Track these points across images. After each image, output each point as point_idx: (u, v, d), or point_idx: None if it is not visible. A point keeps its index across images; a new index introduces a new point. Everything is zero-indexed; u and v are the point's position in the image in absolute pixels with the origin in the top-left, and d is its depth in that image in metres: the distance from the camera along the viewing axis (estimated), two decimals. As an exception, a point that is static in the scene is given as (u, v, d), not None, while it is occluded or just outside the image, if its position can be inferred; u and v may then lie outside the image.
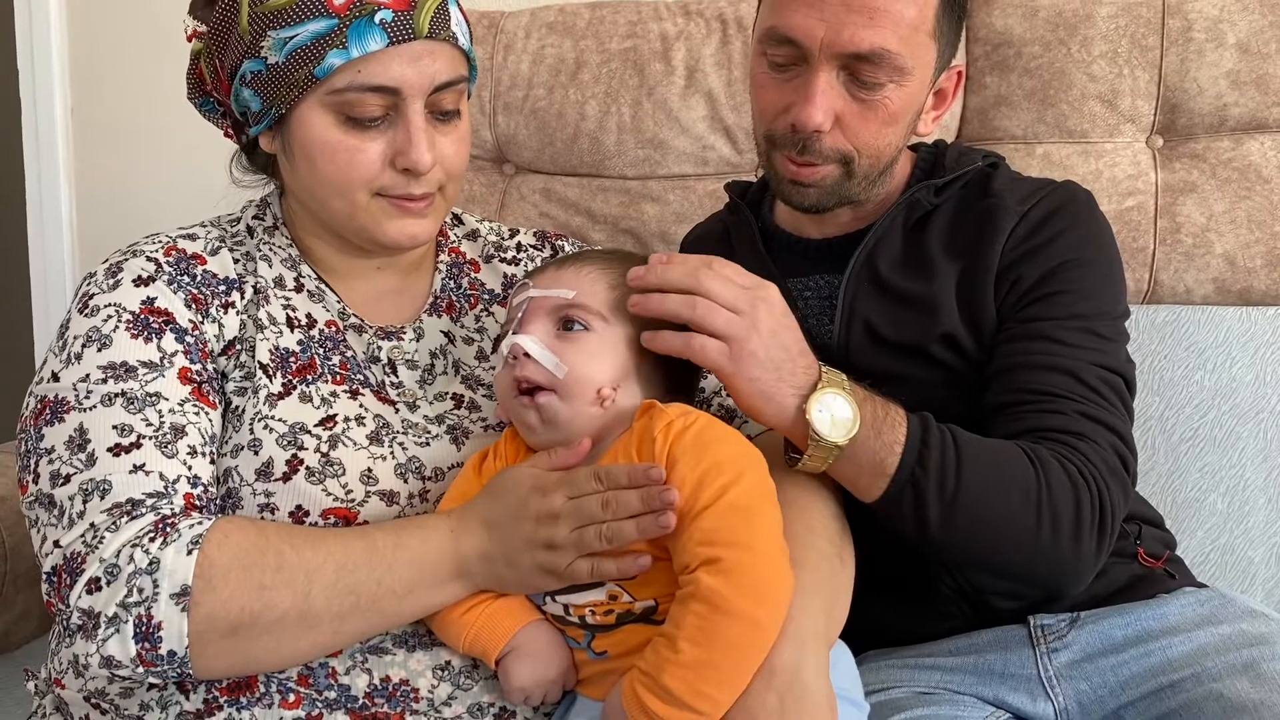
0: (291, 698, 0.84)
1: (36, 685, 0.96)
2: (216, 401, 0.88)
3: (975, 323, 1.03)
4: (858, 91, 0.99)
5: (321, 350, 0.93)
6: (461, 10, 0.93)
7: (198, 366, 0.87)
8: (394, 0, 0.87)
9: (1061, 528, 0.90)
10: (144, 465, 0.81)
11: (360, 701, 0.84)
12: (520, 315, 0.88)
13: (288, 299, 0.95)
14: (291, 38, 0.86)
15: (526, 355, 0.85)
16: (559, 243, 1.11)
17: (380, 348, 0.97)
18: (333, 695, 0.84)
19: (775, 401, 0.86)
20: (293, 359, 0.91)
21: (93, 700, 0.86)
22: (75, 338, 0.87)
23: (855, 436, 0.86)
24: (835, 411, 0.86)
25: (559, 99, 1.61)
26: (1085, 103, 1.51)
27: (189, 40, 0.97)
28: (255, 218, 1.00)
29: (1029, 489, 0.89)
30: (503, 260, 1.08)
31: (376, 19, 0.86)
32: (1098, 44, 1.49)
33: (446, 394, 0.97)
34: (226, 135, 1.01)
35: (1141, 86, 1.50)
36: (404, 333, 0.99)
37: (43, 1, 1.83)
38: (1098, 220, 1.07)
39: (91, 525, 0.79)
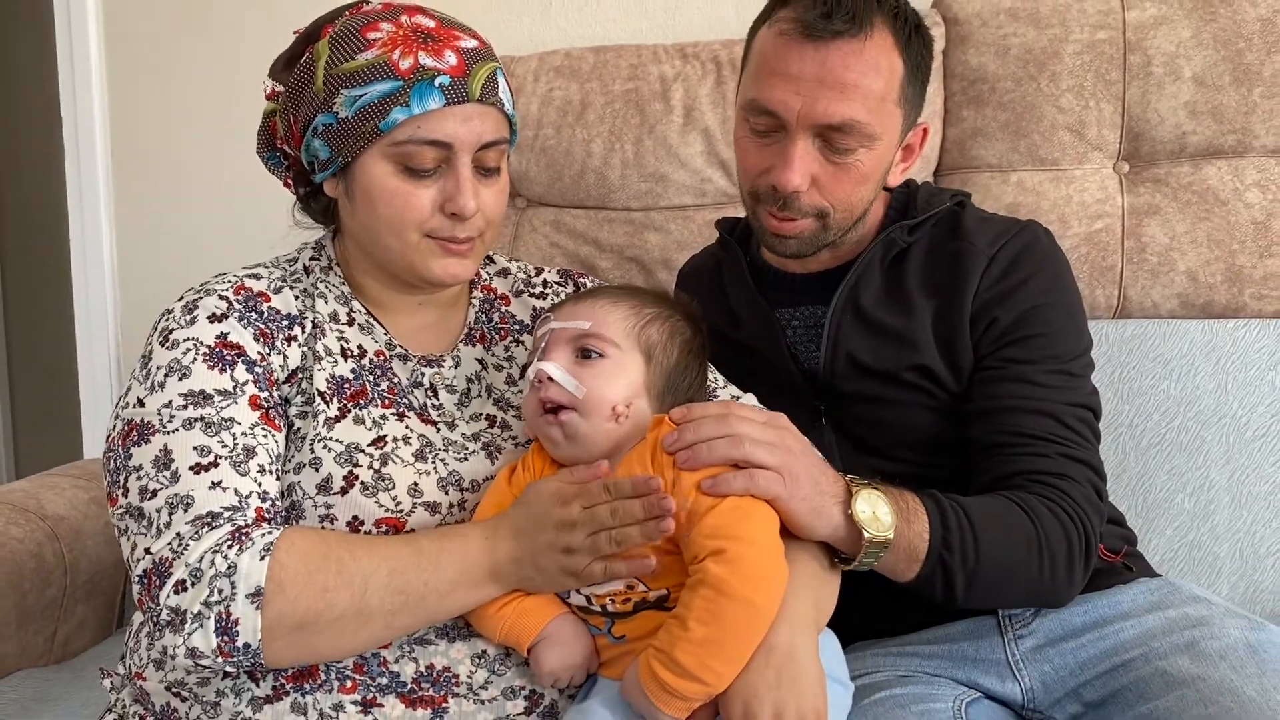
0: (349, 684, 0.92)
1: (113, 682, 1.05)
2: (281, 425, 0.96)
3: (951, 356, 1.11)
4: (831, 156, 1.07)
5: (371, 378, 1.01)
6: (507, 81, 1.02)
7: (265, 394, 0.96)
8: (451, 68, 0.96)
9: (1058, 567, 1.01)
10: (221, 482, 0.89)
11: (409, 686, 0.93)
12: (544, 345, 0.97)
13: (341, 332, 1.03)
14: (361, 95, 0.95)
15: (550, 379, 0.94)
16: (580, 280, 1.19)
17: (423, 374, 1.05)
18: (384, 681, 0.93)
19: (825, 514, 0.93)
20: (347, 386, 0.99)
21: (173, 690, 0.94)
22: (158, 368, 0.94)
23: (896, 529, 0.95)
24: (876, 510, 0.95)
25: (566, 137, 1.68)
26: (1055, 133, 1.57)
27: (267, 99, 1.06)
28: (312, 258, 1.08)
29: (1031, 543, 1.00)
30: (531, 295, 1.16)
31: (436, 83, 0.95)
32: (1065, 79, 1.56)
33: (481, 415, 1.05)
34: (286, 186, 1.10)
35: (1107, 117, 1.57)
36: (443, 361, 1.06)
37: (84, 51, 1.88)
38: (1059, 259, 1.16)
39: (178, 534, 0.87)
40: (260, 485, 0.92)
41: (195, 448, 0.91)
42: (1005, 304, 1.10)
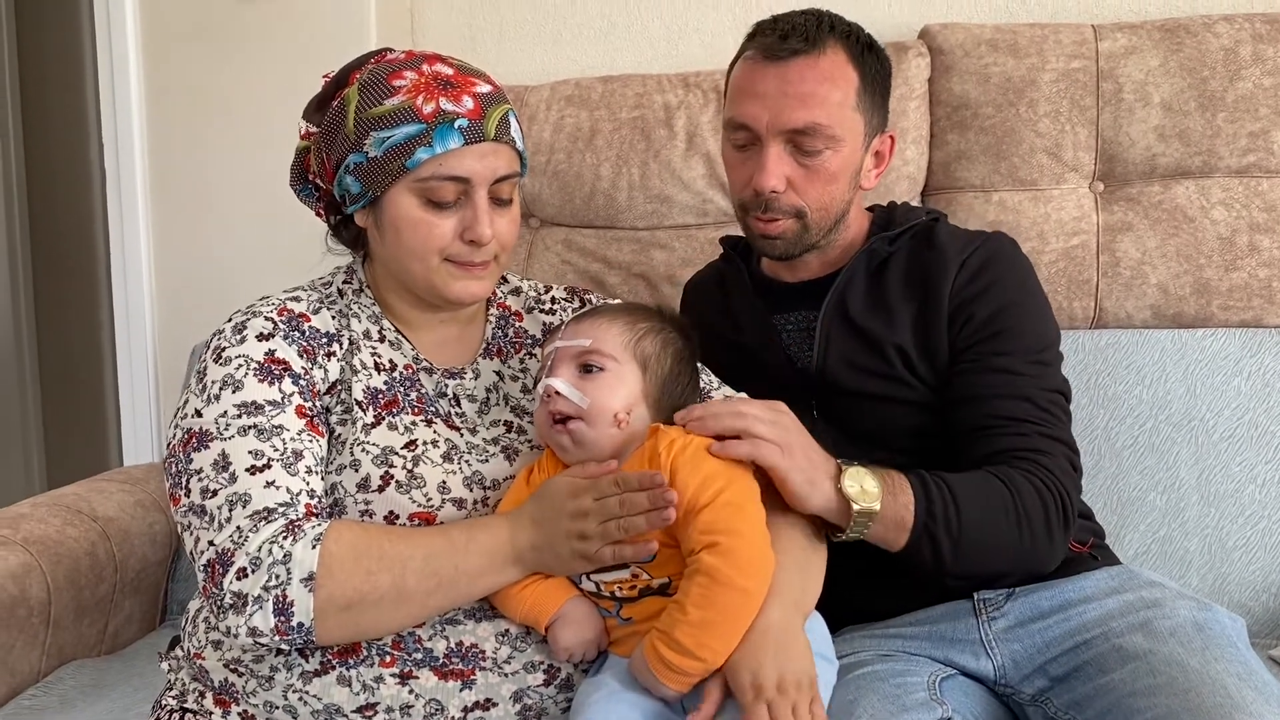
0: (388, 658, 1.02)
1: (171, 664, 1.15)
2: (324, 431, 1.06)
3: (929, 352, 1.21)
4: (801, 159, 1.20)
5: (402, 389, 1.11)
6: (518, 120, 1.12)
7: (309, 404, 1.05)
8: (469, 111, 1.06)
9: (1036, 532, 1.10)
10: (274, 482, 0.99)
11: (440, 660, 1.02)
12: (550, 362, 1.07)
13: (374, 348, 1.12)
14: (389, 137, 1.05)
15: (557, 393, 1.03)
16: (586, 295, 1.29)
17: (447, 386, 1.14)
18: (419, 656, 1.02)
19: (818, 486, 1.04)
20: (380, 396, 1.09)
21: (230, 666, 1.05)
22: (213, 382, 1.04)
23: (882, 501, 1.05)
24: (864, 484, 1.05)
25: (577, 162, 1.78)
26: (1034, 155, 1.66)
27: (301, 139, 1.16)
28: (344, 282, 1.17)
29: (1009, 509, 1.09)
30: (541, 311, 1.25)
31: (456, 125, 1.05)
32: (1043, 105, 1.65)
33: (499, 421, 1.15)
34: (317, 214, 1.20)
35: (1082, 140, 1.65)
36: (464, 373, 1.16)
37: (125, 80, 1.95)
38: (1024, 262, 1.27)
39: (237, 528, 0.97)
40: (308, 484, 1.02)
41: (250, 452, 1.01)
42: (979, 301, 1.21)
